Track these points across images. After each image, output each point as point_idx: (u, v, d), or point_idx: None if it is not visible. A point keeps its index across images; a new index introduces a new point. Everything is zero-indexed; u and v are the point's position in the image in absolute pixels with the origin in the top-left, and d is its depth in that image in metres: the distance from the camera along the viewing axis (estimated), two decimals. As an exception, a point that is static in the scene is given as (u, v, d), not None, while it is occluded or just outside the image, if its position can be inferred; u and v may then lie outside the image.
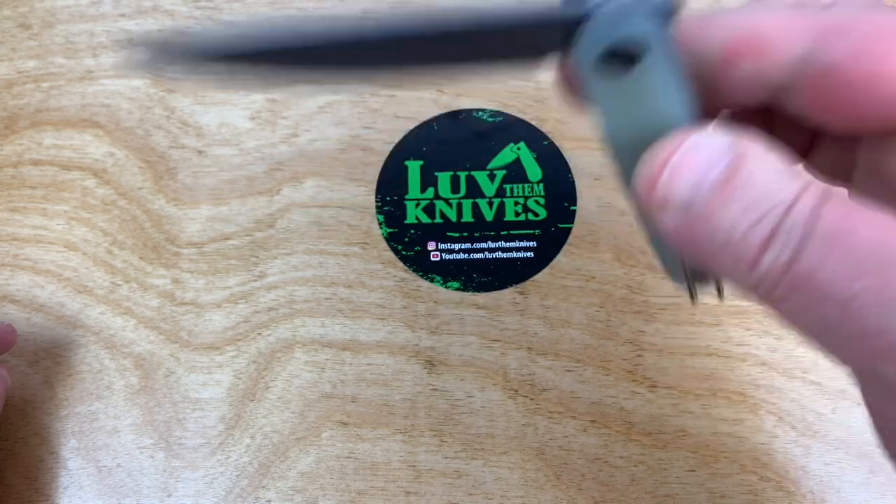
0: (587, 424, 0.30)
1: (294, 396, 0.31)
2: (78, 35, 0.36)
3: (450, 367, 0.31)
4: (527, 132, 0.34)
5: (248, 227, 0.33)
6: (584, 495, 0.29)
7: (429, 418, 0.31)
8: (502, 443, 0.30)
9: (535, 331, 0.31)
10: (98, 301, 0.32)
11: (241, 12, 0.35)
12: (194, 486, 0.30)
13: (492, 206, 0.33)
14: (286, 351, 0.31)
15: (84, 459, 0.31)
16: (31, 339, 0.32)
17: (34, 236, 0.33)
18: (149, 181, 0.34)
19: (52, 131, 0.34)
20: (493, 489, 0.30)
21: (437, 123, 0.34)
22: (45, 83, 0.35)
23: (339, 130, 0.34)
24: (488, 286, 0.32)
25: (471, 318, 0.32)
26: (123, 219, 0.33)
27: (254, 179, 0.34)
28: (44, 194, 0.34)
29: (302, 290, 0.32)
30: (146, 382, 0.31)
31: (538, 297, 0.32)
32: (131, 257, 0.33)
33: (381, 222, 0.33)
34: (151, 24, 0.36)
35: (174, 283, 0.32)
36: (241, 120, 0.34)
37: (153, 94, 0.35)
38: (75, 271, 0.33)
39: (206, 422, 0.31)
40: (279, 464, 0.30)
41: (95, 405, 0.31)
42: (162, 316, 0.32)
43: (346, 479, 0.30)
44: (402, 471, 0.30)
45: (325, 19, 0.13)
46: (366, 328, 0.32)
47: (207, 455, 0.30)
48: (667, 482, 0.30)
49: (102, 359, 0.32)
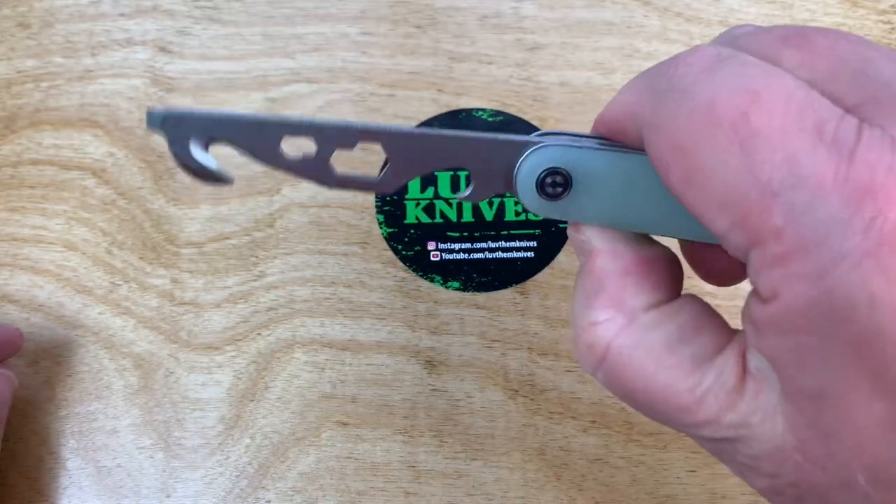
0: (588, 425, 0.30)
1: (294, 397, 0.31)
2: (77, 34, 0.35)
3: (450, 367, 0.31)
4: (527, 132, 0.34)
5: (248, 227, 0.33)
6: (585, 496, 0.29)
7: (429, 419, 0.30)
8: (502, 443, 0.30)
9: (536, 331, 0.31)
10: (97, 301, 0.32)
11: (240, 11, 0.35)
12: (194, 487, 0.30)
13: (492, 206, 0.33)
14: (286, 351, 0.31)
15: (83, 460, 0.31)
16: (31, 340, 0.32)
17: (33, 236, 0.33)
18: (148, 181, 0.34)
19: (51, 131, 0.34)
20: (493, 490, 0.30)
21: (437, 123, 0.34)
22: (44, 83, 0.35)
23: (338, 130, 0.34)
24: (488, 286, 0.32)
25: (471, 318, 0.32)
26: (123, 219, 0.33)
27: (253, 179, 0.33)
28: (43, 194, 0.34)
29: (301, 290, 0.32)
30: (145, 382, 0.31)
31: (538, 297, 0.32)
32: (131, 257, 0.33)
33: (381, 222, 0.33)
34: (151, 24, 0.36)
35: (173, 283, 0.32)
36: (240, 119, 0.34)
37: (152, 94, 0.35)
38: (74, 271, 0.33)
39: (205, 422, 0.31)
40: (279, 464, 0.30)
41: (95, 405, 0.31)
42: (161, 316, 0.32)
43: (345, 480, 0.30)
44: (402, 471, 0.30)
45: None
46: (366, 328, 0.32)
47: (207, 455, 0.30)
48: (667, 483, 0.30)
49: (102, 359, 0.32)
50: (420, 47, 0.35)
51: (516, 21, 0.35)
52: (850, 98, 0.13)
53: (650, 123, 0.14)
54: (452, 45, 0.35)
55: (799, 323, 0.12)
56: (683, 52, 0.15)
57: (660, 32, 0.35)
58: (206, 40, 0.35)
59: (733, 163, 0.12)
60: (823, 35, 0.14)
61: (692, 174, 0.13)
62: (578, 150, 0.16)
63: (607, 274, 0.16)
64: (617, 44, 0.35)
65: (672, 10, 0.35)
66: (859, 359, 0.12)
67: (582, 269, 0.17)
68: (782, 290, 0.12)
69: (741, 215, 0.12)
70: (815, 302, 0.12)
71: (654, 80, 0.15)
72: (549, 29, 0.35)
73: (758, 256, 0.12)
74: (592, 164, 0.16)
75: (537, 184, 0.17)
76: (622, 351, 0.15)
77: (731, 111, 0.12)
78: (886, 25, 0.35)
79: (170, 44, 0.35)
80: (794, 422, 0.13)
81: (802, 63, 0.14)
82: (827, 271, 0.11)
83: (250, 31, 0.35)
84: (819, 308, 0.12)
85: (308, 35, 0.35)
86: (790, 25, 0.15)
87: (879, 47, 0.13)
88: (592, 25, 0.35)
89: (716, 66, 0.13)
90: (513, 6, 0.35)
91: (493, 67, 0.34)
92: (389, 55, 0.35)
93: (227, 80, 0.35)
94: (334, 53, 0.35)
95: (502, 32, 0.35)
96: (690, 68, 0.14)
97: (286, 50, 0.35)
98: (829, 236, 0.11)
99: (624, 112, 0.16)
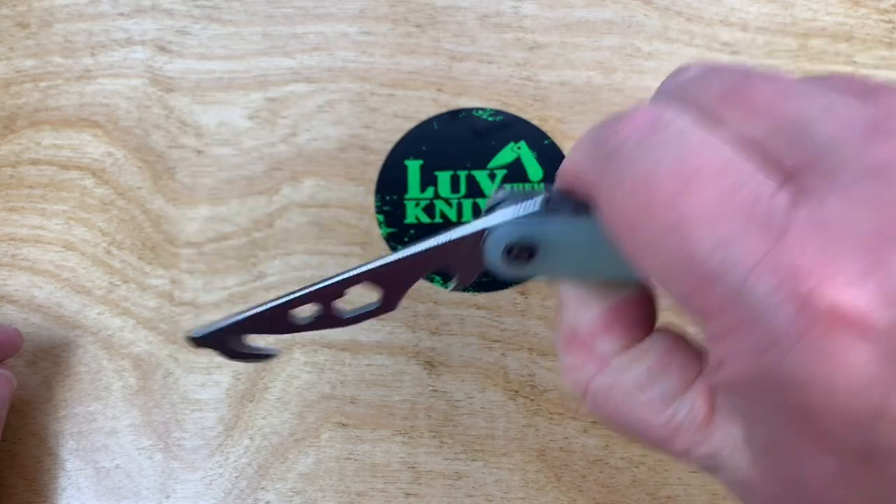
0: (588, 425, 0.30)
1: (293, 397, 0.31)
2: (76, 34, 0.35)
3: (450, 367, 0.31)
4: (527, 131, 0.34)
5: (247, 227, 0.33)
6: (585, 496, 0.29)
7: (429, 419, 0.30)
8: (503, 444, 0.30)
9: (536, 331, 0.31)
10: (96, 301, 0.32)
11: (239, 10, 0.35)
12: (193, 488, 0.30)
13: (492, 206, 0.33)
14: (285, 351, 0.31)
15: (82, 460, 0.30)
16: (30, 340, 0.32)
17: (32, 236, 0.33)
18: (147, 181, 0.34)
19: (50, 131, 0.34)
20: (493, 491, 0.30)
21: (437, 122, 0.34)
22: (43, 82, 0.35)
23: (338, 130, 0.34)
24: (489, 286, 0.32)
25: (471, 319, 0.31)
26: (122, 219, 0.33)
27: (253, 179, 0.33)
28: (42, 194, 0.34)
29: (301, 290, 0.32)
30: (144, 383, 0.31)
31: (539, 297, 0.32)
32: (130, 257, 0.33)
33: (380, 222, 0.33)
34: (150, 24, 0.35)
35: (173, 284, 0.32)
36: (239, 119, 0.34)
37: (152, 94, 0.35)
38: (73, 271, 0.33)
39: (204, 423, 0.31)
40: (278, 465, 0.30)
41: (94, 406, 0.31)
42: (160, 316, 0.32)
43: (345, 481, 0.30)
44: (402, 472, 0.30)
45: None
46: (365, 328, 0.31)
47: (206, 456, 0.30)
48: (668, 483, 0.29)
49: (101, 359, 0.32)
50: (420, 47, 0.35)
51: (516, 20, 0.35)
52: (789, 159, 0.12)
53: (595, 191, 0.15)
54: (452, 45, 0.35)
55: (745, 391, 0.13)
56: (626, 111, 0.15)
57: (660, 32, 0.35)
58: (205, 40, 0.35)
59: (670, 244, 0.13)
60: (767, 88, 0.14)
61: (636, 248, 0.14)
62: (536, 222, 0.17)
63: (578, 323, 0.17)
64: (617, 43, 0.34)
65: (673, 10, 0.35)
66: (804, 425, 0.12)
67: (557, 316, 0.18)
68: (728, 361, 0.12)
69: (683, 293, 0.13)
70: (757, 377, 0.12)
71: (598, 142, 0.15)
72: (549, 28, 0.35)
73: (706, 328, 0.13)
74: (553, 232, 0.17)
75: (504, 257, 0.17)
76: (598, 392, 0.17)
77: (665, 192, 0.13)
78: (888, 25, 0.35)
79: (169, 43, 0.35)
80: (756, 463, 0.14)
81: (744, 121, 0.14)
82: (765, 350, 0.12)
83: (250, 31, 0.35)
84: (761, 382, 0.12)
85: (308, 34, 0.35)
86: (736, 70, 0.15)
87: (821, 101, 0.13)
88: (593, 25, 0.35)
89: (653, 136, 0.14)
90: (513, 5, 0.35)
91: (493, 67, 0.34)
92: (389, 54, 0.35)
93: (226, 79, 0.35)
94: (334, 53, 0.35)
95: (502, 32, 0.35)
96: (630, 137, 0.14)
97: (286, 49, 0.35)
98: (764, 318, 0.11)
99: (574, 171, 0.16)
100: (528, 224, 0.17)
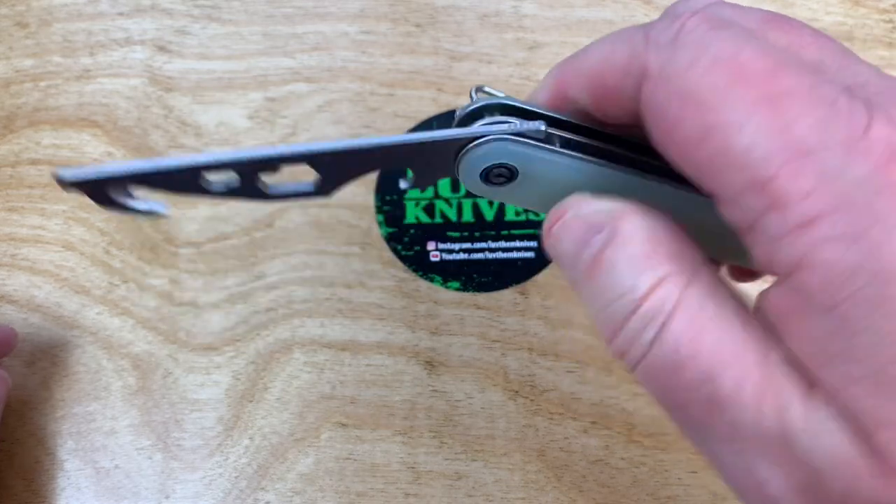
0: (588, 426, 0.30)
1: (293, 397, 0.31)
2: (75, 34, 0.35)
3: (450, 367, 0.31)
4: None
5: (247, 227, 0.33)
6: (586, 497, 0.29)
7: (429, 419, 0.30)
8: (503, 444, 0.30)
9: (536, 331, 0.31)
10: (96, 301, 0.32)
11: (239, 10, 0.35)
12: (193, 488, 0.30)
13: (492, 206, 0.33)
14: (285, 352, 0.31)
15: (81, 461, 0.30)
16: (29, 340, 0.32)
17: (32, 236, 0.33)
18: (147, 181, 0.33)
19: (49, 130, 0.34)
20: (493, 491, 0.29)
21: (437, 122, 0.34)
22: (42, 82, 0.35)
23: (338, 129, 0.34)
24: (489, 286, 0.32)
25: (471, 319, 0.31)
26: (121, 219, 0.33)
27: (252, 179, 0.33)
28: (42, 194, 0.34)
29: (301, 290, 0.32)
30: (144, 383, 0.31)
31: (539, 297, 0.32)
32: (129, 257, 0.33)
33: (380, 222, 0.33)
34: (149, 23, 0.35)
35: (172, 284, 0.32)
36: (239, 119, 0.34)
37: (151, 94, 0.34)
38: (73, 271, 0.33)
39: (204, 423, 0.31)
40: (278, 465, 0.30)
41: (93, 406, 0.31)
42: (160, 316, 0.32)
43: (345, 481, 0.30)
44: (402, 472, 0.30)
45: None
46: (365, 329, 0.31)
47: (206, 456, 0.30)
48: (669, 484, 0.29)
49: (100, 359, 0.31)
50: (420, 46, 0.35)
51: (516, 20, 0.35)
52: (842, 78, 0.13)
53: (656, 75, 0.13)
54: (452, 45, 0.35)
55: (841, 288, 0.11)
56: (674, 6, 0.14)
57: (661, 31, 0.35)
58: (205, 39, 0.35)
59: (761, 120, 0.12)
60: (805, 24, 0.14)
61: (710, 129, 0.12)
62: (524, 147, 0.16)
63: (649, 228, 0.14)
64: (617, 43, 0.34)
65: (673, 9, 0.35)
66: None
67: (607, 247, 0.14)
68: (812, 257, 0.11)
69: (764, 176, 0.12)
70: (857, 265, 0.11)
71: (649, 32, 0.14)
72: (549, 28, 0.35)
73: (777, 221, 0.12)
74: (541, 161, 0.16)
75: (482, 175, 0.16)
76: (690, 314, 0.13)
77: (758, 66, 0.12)
78: (888, 25, 0.35)
79: (169, 43, 0.35)
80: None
81: (790, 46, 0.13)
82: (862, 233, 0.11)
83: (249, 31, 0.35)
84: (861, 272, 0.11)
85: (307, 34, 0.35)
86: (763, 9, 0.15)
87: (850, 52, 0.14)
88: (593, 24, 0.35)
89: (726, 24, 0.13)
90: (513, 5, 0.35)
91: (493, 66, 0.34)
92: (389, 54, 0.35)
93: (226, 79, 0.35)
94: (334, 52, 0.35)
95: (502, 31, 0.35)
96: (700, 24, 0.13)
97: (286, 49, 0.35)
98: (861, 198, 0.11)
99: (608, 65, 0.15)
100: (524, 149, 0.16)
